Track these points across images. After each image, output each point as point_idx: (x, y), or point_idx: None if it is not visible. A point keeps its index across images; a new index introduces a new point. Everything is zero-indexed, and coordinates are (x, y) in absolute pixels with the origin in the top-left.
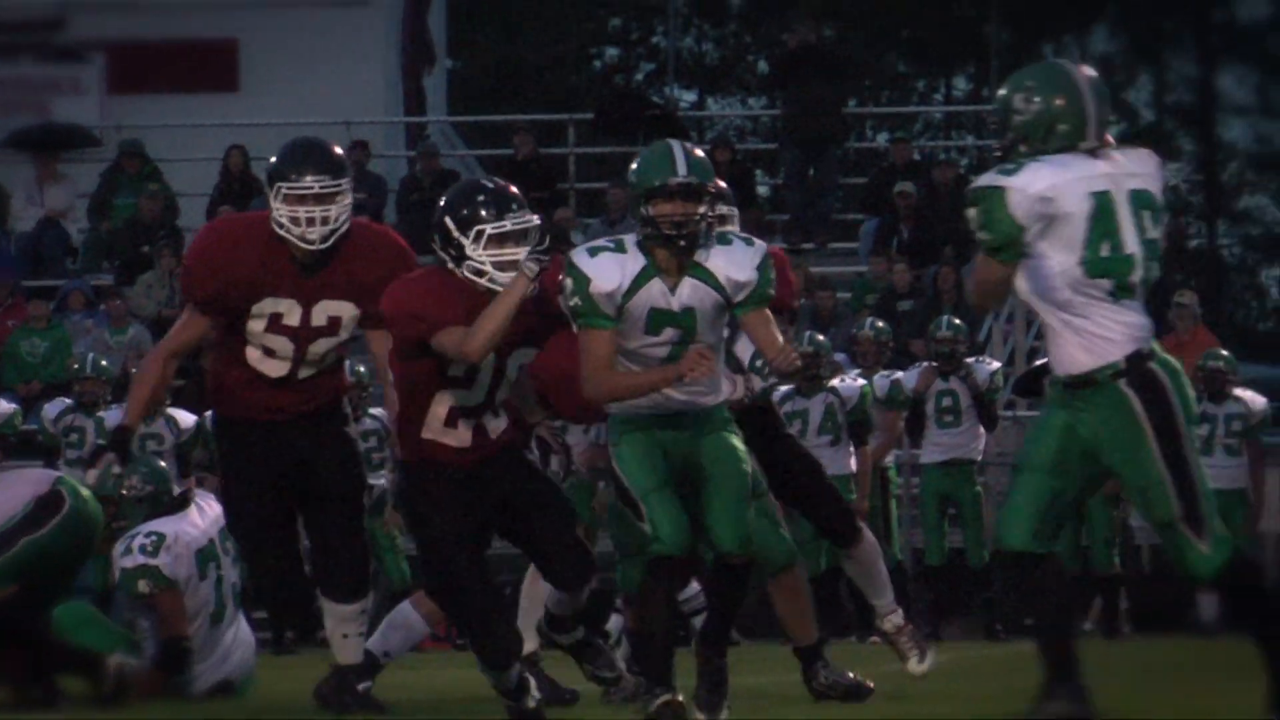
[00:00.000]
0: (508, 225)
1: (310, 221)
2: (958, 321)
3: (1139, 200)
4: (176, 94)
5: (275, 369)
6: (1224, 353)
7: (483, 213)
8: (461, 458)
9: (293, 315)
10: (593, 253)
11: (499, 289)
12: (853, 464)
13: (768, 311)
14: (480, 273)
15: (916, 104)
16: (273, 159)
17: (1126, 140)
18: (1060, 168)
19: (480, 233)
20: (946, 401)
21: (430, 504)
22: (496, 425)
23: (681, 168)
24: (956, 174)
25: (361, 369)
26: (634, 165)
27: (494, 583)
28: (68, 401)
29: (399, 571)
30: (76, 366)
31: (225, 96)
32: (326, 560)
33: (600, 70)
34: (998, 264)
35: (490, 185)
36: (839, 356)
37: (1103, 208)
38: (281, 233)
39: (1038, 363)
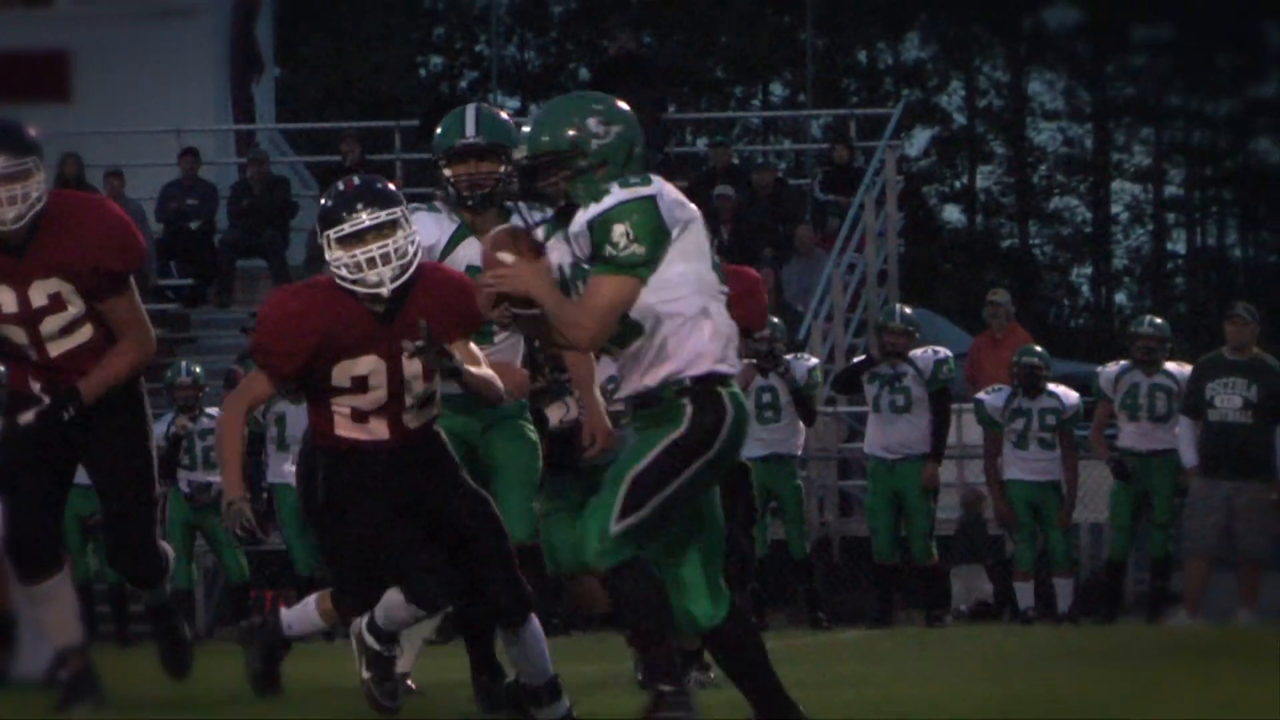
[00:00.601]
0: (346, 228)
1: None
2: (776, 320)
3: None
4: (8, 104)
5: (24, 353)
6: (1038, 349)
7: (328, 216)
8: (379, 448)
9: (9, 301)
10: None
11: (362, 290)
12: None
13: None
14: (340, 277)
15: (735, 109)
16: None
17: (941, 143)
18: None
19: (328, 238)
20: (766, 398)
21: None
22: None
23: (470, 129)
24: (775, 177)
25: (198, 369)
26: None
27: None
28: None
29: (238, 566)
30: None
31: (57, 107)
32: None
33: (425, 78)
34: (636, 281)
35: (339, 186)
36: None
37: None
38: None
39: (856, 359)
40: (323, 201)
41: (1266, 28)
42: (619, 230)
